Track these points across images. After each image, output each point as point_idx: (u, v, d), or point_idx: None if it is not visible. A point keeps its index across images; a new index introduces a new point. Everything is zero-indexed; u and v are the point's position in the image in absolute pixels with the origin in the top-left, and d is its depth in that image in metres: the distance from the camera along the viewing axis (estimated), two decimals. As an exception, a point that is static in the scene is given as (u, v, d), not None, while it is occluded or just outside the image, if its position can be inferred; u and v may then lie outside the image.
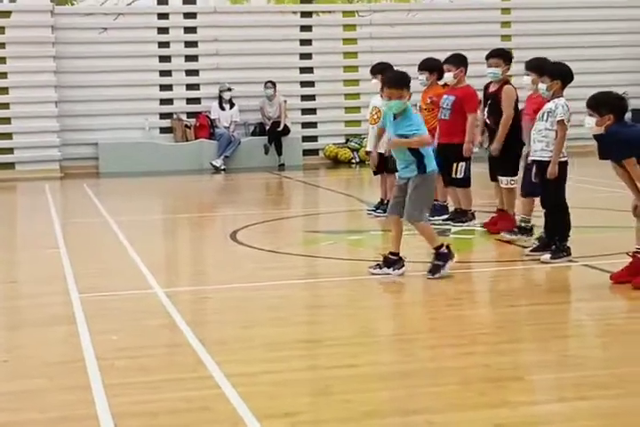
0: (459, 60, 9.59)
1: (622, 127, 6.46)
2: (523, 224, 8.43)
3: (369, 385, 4.57)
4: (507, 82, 8.97)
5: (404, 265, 7.15)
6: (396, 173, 10.31)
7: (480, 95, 9.59)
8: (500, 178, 9.00)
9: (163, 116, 18.03)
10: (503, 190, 9.03)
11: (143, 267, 7.70)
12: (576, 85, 8.28)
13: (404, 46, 18.18)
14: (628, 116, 6.72)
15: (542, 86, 7.64)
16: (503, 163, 8.89)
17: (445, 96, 9.63)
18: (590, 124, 6.50)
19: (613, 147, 6.43)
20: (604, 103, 6.49)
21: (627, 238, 6.87)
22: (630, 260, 6.65)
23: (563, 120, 7.48)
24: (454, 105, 9.47)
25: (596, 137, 6.54)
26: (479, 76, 9.44)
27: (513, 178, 8.91)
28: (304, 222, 10.82)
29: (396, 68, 10.51)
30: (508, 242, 8.34)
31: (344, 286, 7.03)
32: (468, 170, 9.53)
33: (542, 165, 7.60)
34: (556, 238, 7.55)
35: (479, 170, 9.73)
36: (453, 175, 9.51)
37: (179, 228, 10.77)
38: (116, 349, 5.29)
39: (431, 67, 9.96)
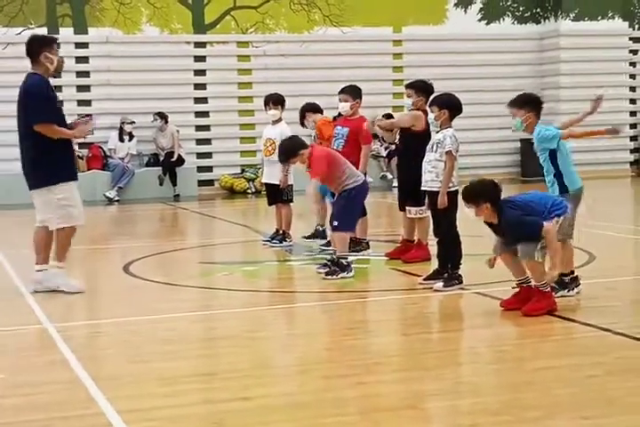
0: (356, 92, 9.66)
1: (507, 211, 6.51)
2: None
3: (264, 418, 4.53)
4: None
5: (579, 284, 7.19)
6: (291, 204, 10.44)
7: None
8: (408, 208, 8.96)
9: (54, 146, 17.70)
10: (415, 220, 9.01)
11: (32, 301, 7.52)
12: (466, 116, 8.46)
13: (297, 77, 18.37)
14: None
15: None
16: (413, 193, 8.63)
17: (339, 127, 9.71)
18: (471, 215, 6.57)
19: (519, 232, 6.49)
20: (479, 194, 6.54)
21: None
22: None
23: (451, 151, 7.62)
24: (349, 136, 9.55)
25: (490, 225, 6.66)
26: (372, 106, 9.56)
27: (422, 208, 8.67)
28: (199, 253, 10.74)
29: (287, 98, 10.61)
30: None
31: (239, 318, 6.98)
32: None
33: (432, 195, 7.73)
34: (448, 267, 7.68)
35: (371, 199, 9.81)
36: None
37: (70, 260, 10.52)
38: (3, 386, 5.13)
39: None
